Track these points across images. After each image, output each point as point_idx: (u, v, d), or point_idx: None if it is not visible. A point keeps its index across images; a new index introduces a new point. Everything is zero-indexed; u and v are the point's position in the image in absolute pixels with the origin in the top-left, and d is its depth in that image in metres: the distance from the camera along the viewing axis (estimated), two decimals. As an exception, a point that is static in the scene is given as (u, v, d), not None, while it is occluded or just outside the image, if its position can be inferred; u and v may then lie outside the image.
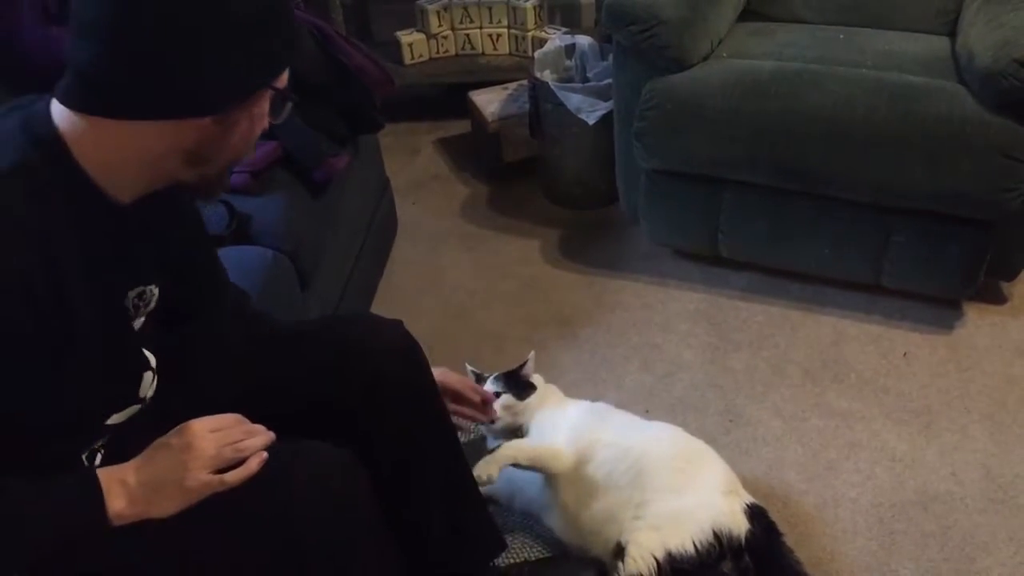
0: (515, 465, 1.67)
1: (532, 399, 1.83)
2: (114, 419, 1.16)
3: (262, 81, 1.07)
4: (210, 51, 0.99)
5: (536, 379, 1.88)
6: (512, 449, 1.68)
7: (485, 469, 1.61)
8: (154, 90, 1.00)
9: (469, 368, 1.94)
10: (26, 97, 1.09)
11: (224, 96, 1.04)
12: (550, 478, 1.71)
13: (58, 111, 1.03)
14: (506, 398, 1.81)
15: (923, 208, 2.08)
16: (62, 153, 1.02)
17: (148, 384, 1.20)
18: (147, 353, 1.20)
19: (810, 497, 1.84)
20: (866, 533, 1.76)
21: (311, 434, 1.25)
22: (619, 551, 1.54)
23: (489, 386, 1.84)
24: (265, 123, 1.12)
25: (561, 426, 1.77)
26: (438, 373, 1.55)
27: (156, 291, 1.20)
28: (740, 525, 1.57)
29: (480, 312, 2.42)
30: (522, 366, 1.88)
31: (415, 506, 1.45)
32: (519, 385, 1.84)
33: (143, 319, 1.19)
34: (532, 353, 1.90)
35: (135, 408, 1.18)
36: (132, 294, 1.16)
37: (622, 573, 1.51)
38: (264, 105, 1.10)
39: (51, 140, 1.02)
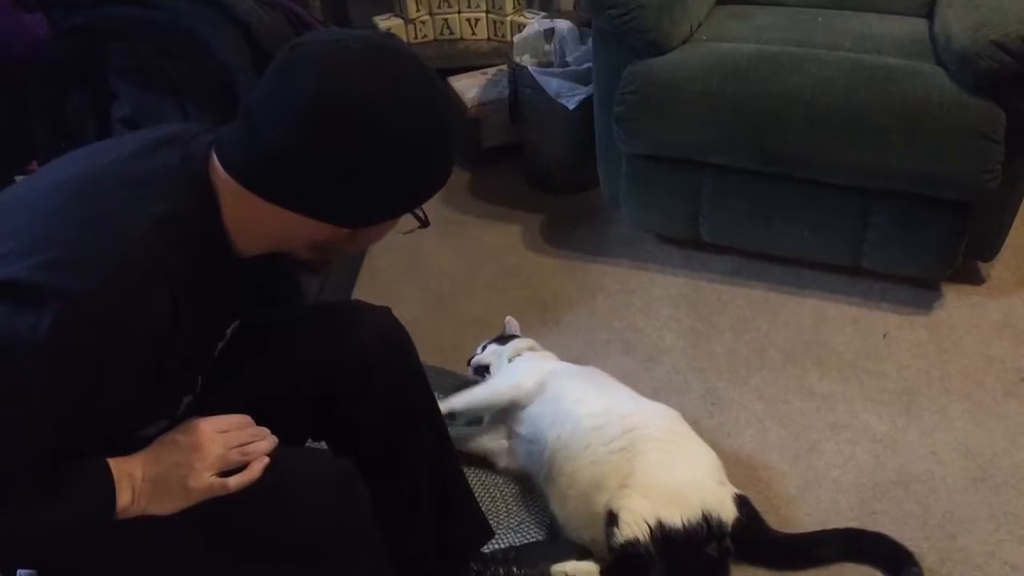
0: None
1: (513, 344, 1.98)
2: (145, 431, 1.16)
3: (416, 205, 1.12)
4: (389, 173, 1.03)
5: (533, 344, 2.02)
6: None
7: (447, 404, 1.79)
8: (321, 194, 1.04)
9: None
10: (177, 126, 1.13)
11: (379, 215, 1.09)
12: (540, 409, 1.79)
13: (218, 165, 1.06)
14: (492, 346, 1.98)
15: (902, 190, 2.09)
16: (215, 211, 1.06)
17: (185, 404, 1.25)
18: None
19: (792, 478, 1.85)
20: (847, 513, 1.77)
21: (302, 426, 1.25)
22: (611, 518, 1.54)
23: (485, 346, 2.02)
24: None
25: (527, 367, 1.89)
26: None
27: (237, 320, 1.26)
28: (729, 512, 1.60)
29: (461, 298, 2.41)
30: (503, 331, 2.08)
31: (403, 494, 1.45)
32: (504, 339, 2.02)
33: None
34: (508, 319, 2.08)
35: (165, 423, 1.18)
36: (228, 332, 1.23)
37: (618, 538, 1.51)
38: (399, 219, 1.14)
39: (209, 195, 1.06)
